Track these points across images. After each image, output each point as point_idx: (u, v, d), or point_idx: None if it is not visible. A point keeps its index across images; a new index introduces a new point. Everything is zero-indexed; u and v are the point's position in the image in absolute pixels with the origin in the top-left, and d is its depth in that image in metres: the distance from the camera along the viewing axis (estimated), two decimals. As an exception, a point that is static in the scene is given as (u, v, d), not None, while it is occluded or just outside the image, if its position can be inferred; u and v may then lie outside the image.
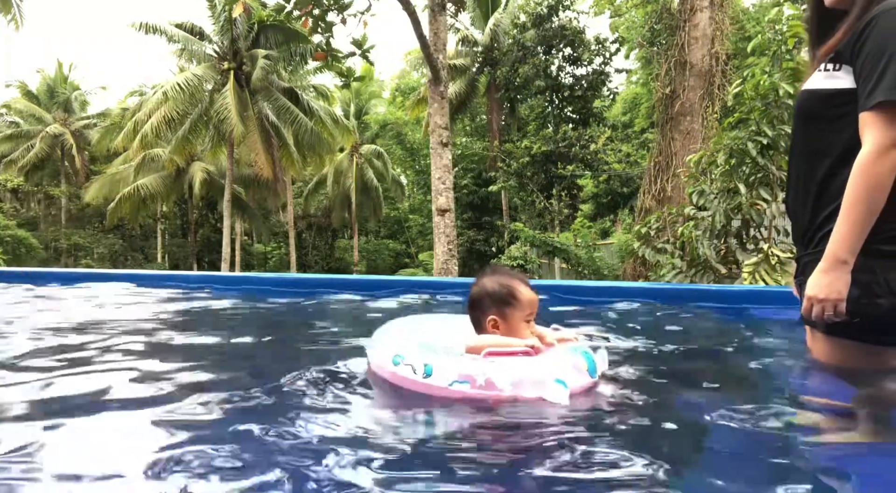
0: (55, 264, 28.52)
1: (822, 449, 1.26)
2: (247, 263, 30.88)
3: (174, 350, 2.27)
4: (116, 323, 2.81)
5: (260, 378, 1.77)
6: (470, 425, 1.36)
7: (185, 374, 1.78)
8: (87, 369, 1.85)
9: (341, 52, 8.25)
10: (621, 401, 1.54)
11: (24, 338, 2.35)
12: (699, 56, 9.17)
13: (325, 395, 1.52)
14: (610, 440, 1.24)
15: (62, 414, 1.39)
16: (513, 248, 17.85)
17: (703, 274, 5.21)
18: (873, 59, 1.36)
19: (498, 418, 1.37)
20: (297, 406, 1.43)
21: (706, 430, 1.35)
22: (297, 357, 2.16)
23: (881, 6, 1.37)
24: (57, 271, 7.25)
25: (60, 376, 1.74)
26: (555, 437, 1.25)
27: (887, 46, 1.34)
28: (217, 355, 2.20)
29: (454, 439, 1.29)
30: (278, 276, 5.24)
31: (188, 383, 1.67)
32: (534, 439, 1.29)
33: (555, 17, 19.27)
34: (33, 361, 1.96)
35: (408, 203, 34.22)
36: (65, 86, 31.33)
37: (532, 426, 1.34)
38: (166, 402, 1.47)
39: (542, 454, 1.14)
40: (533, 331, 1.65)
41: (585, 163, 18.15)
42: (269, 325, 3.20)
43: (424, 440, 1.26)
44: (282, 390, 1.57)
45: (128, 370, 1.81)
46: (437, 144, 8.32)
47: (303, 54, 20.43)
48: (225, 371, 1.93)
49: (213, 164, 25.67)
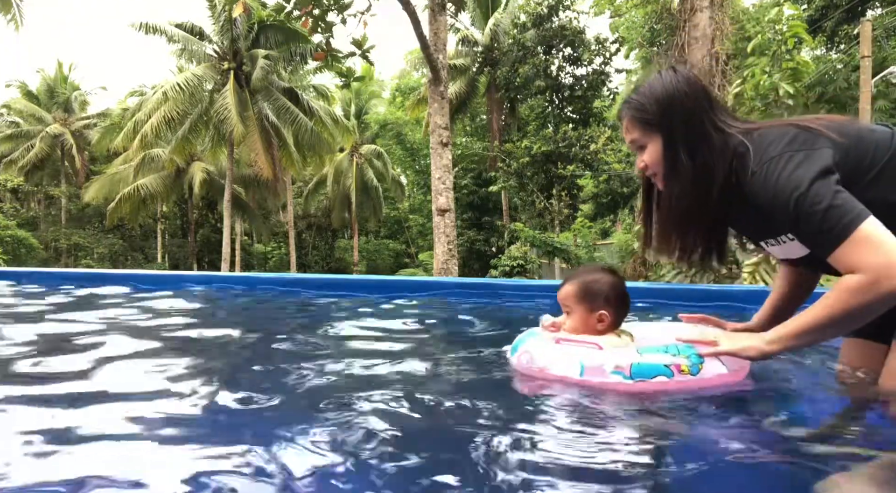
0: (55, 264, 28.53)
1: (822, 450, 1.25)
2: (247, 263, 30.89)
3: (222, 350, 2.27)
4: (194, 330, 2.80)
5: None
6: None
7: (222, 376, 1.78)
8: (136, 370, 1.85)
9: (341, 52, 8.25)
10: (612, 399, 1.53)
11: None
12: (699, 56, 9.17)
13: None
14: (606, 439, 1.24)
15: (63, 414, 1.39)
16: (513, 248, 17.85)
17: (703, 274, 5.22)
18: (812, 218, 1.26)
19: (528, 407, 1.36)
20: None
21: (697, 432, 1.35)
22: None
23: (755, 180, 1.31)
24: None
25: (95, 372, 1.74)
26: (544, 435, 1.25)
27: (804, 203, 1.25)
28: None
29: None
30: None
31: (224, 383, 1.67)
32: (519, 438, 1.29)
33: (555, 17, 19.28)
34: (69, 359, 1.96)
35: (408, 203, 34.23)
36: (65, 86, 31.33)
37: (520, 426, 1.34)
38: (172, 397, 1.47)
39: (525, 453, 1.14)
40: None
41: (585, 163, 18.15)
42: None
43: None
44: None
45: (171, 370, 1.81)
46: (437, 144, 8.32)
47: (303, 54, 20.43)
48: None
49: (213, 164, 25.68)
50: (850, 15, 14.27)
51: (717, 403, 1.51)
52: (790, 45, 5.14)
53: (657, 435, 1.31)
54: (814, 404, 1.61)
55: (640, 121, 1.43)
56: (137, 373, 1.79)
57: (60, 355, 2.04)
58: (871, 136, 1.35)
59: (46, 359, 1.97)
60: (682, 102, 1.38)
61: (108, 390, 1.60)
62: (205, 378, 1.76)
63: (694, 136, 1.38)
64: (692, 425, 1.41)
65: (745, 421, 1.42)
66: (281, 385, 1.67)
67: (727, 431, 1.33)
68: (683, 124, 1.38)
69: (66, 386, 1.63)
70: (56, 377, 1.73)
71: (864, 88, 7.03)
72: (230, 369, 1.99)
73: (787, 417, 1.46)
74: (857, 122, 1.39)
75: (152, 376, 1.75)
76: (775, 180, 1.27)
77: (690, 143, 1.38)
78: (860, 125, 1.39)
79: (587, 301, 1.69)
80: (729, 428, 1.34)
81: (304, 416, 1.37)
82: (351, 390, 1.59)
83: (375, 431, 1.23)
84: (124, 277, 5.34)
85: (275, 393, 1.56)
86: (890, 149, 1.32)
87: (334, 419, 1.32)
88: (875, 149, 1.32)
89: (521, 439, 1.20)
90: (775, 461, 1.17)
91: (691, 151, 1.37)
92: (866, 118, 6.98)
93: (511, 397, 1.55)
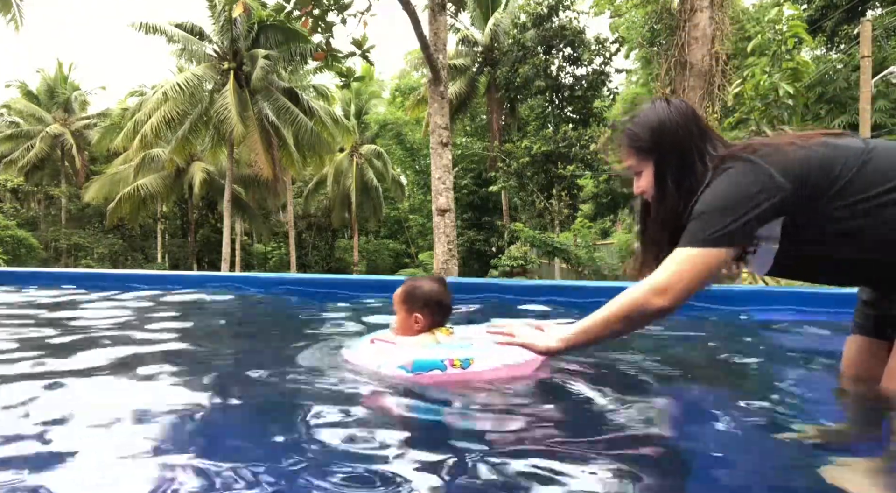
0: (55, 264, 28.52)
1: (824, 447, 1.26)
2: (247, 263, 30.87)
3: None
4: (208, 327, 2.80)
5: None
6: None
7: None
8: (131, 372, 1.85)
9: (341, 52, 8.24)
10: (615, 399, 1.54)
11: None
12: (699, 56, 9.17)
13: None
14: (604, 437, 1.25)
15: (64, 411, 1.39)
16: (513, 248, 17.85)
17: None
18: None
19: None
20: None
21: (701, 430, 1.35)
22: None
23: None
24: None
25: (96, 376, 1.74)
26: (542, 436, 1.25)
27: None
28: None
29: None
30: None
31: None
32: (505, 436, 1.29)
33: (555, 17, 19.27)
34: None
35: (408, 203, 34.20)
36: (65, 86, 31.30)
37: (501, 420, 1.34)
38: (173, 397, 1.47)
39: (513, 453, 1.14)
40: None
41: (585, 163, 18.15)
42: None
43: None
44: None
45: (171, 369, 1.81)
46: (437, 144, 8.31)
47: (303, 54, 20.40)
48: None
49: (213, 164, 25.65)
50: (850, 15, 14.26)
51: (719, 403, 1.51)
52: (790, 45, 5.13)
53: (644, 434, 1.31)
54: (816, 403, 1.61)
55: (635, 148, 1.53)
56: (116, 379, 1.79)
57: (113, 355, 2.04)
58: (843, 151, 1.34)
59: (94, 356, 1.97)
60: (672, 132, 1.48)
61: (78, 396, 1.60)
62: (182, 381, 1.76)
63: (681, 164, 1.47)
64: (693, 425, 1.41)
65: (746, 421, 1.42)
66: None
67: (728, 431, 1.33)
68: (672, 153, 1.48)
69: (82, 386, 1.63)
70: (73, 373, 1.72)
71: (864, 88, 7.03)
72: (208, 372, 1.99)
73: (788, 415, 1.46)
74: (841, 139, 1.38)
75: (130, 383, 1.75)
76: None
77: (678, 170, 1.47)
78: (835, 143, 1.37)
79: (406, 304, 1.90)
80: (730, 428, 1.34)
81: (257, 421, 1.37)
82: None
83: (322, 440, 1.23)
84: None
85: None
86: (857, 163, 1.31)
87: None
88: (845, 162, 1.31)
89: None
90: (776, 460, 1.17)
91: (677, 178, 1.47)
92: (866, 118, 6.98)
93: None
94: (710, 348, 2.44)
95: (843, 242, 1.31)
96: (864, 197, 1.27)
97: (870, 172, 1.29)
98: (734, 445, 1.26)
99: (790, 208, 1.32)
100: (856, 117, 10.11)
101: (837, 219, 1.29)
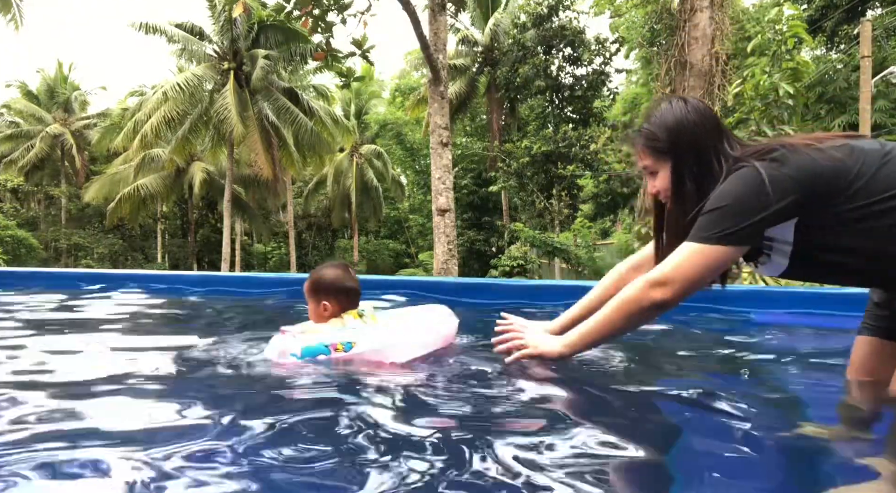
0: (55, 264, 28.53)
1: (832, 451, 1.25)
2: (247, 263, 30.88)
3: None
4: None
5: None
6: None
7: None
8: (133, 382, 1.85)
9: (341, 52, 8.24)
10: (612, 400, 1.54)
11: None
12: (699, 56, 9.17)
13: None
14: (600, 436, 1.24)
15: (64, 410, 1.39)
16: (513, 248, 17.85)
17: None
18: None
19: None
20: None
21: (697, 430, 1.35)
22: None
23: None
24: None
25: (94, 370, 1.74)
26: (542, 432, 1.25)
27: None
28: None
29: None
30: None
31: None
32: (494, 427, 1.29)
33: (555, 17, 19.29)
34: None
35: (408, 203, 34.21)
36: (65, 86, 31.31)
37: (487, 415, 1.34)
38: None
39: (505, 450, 1.14)
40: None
41: (585, 163, 18.16)
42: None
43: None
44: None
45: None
46: (437, 144, 8.31)
47: (303, 54, 20.41)
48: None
49: (213, 164, 25.66)
50: (850, 15, 14.28)
51: (723, 403, 1.51)
52: (790, 45, 5.13)
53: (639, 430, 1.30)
54: (817, 403, 1.61)
55: (651, 149, 1.51)
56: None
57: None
58: (860, 153, 1.32)
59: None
60: (690, 132, 1.46)
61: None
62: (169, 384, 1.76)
63: (699, 163, 1.46)
64: (693, 425, 1.41)
65: (747, 421, 1.42)
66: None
67: (732, 432, 1.33)
68: (690, 153, 1.46)
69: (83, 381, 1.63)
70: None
71: (864, 88, 7.04)
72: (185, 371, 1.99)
73: (795, 417, 1.46)
74: (855, 141, 1.37)
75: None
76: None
77: (696, 170, 1.46)
78: (852, 144, 1.36)
79: (313, 293, 1.98)
80: (731, 428, 1.34)
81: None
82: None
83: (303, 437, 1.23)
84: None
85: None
86: (875, 166, 1.30)
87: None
88: (862, 165, 1.30)
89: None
90: (782, 463, 1.17)
91: (696, 178, 1.46)
92: (866, 118, 6.98)
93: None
94: (709, 347, 2.44)
95: (856, 244, 1.30)
96: (879, 198, 1.27)
97: (886, 176, 1.28)
98: (734, 445, 1.26)
99: (803, 210, 1.31)
100: (856, 117, 10.12)
101: (852, 221, 1.29)
